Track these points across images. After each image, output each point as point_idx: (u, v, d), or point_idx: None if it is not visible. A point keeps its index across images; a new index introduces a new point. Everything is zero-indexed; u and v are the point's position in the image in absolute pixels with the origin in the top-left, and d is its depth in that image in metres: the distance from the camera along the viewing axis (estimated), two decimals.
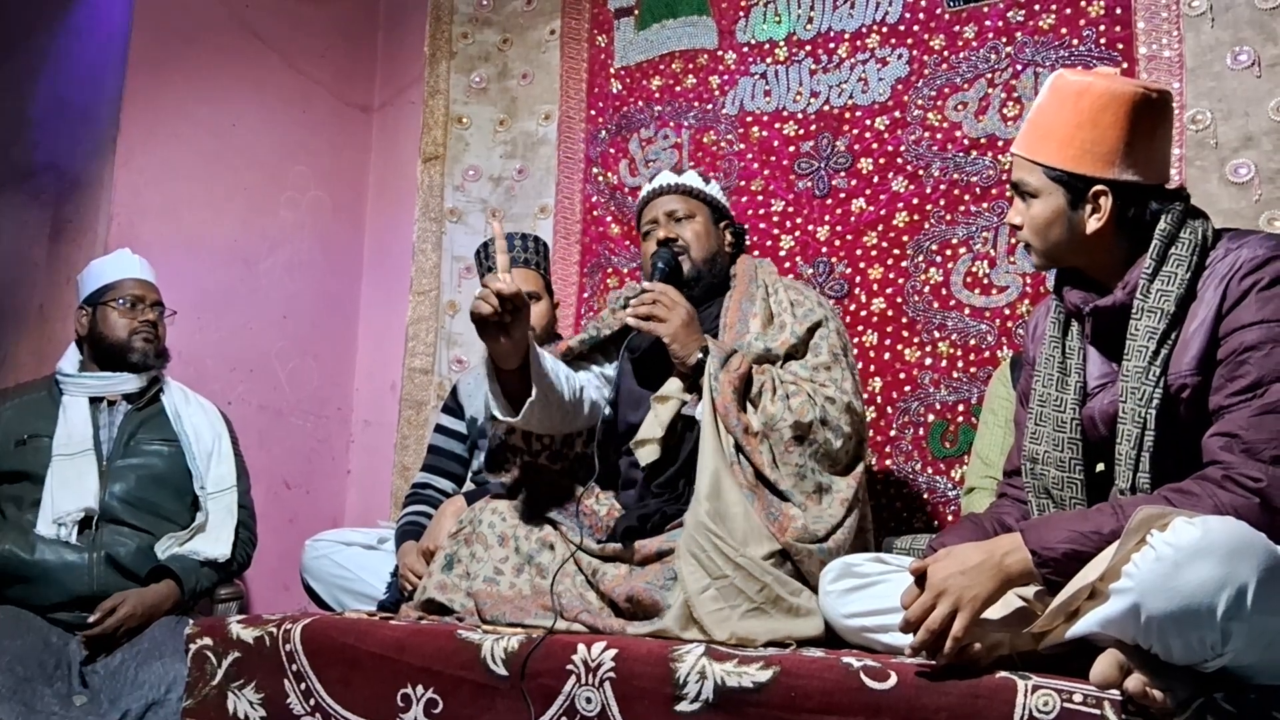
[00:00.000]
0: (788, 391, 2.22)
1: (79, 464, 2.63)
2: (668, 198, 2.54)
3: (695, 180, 2.57)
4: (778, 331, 2.36)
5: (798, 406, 2.19)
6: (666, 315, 2.27)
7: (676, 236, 2.49)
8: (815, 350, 2.34)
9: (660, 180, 2.58)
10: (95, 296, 2.83)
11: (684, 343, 2.27)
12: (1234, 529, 1.35)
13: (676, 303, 2.29)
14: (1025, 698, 1.48)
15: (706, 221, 2.53)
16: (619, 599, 2.02)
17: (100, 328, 2.79)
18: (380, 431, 3.97)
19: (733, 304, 2.44)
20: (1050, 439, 1.80)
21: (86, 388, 2.75)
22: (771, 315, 2.40)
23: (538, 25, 3.92)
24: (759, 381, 2.23)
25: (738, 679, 1.67)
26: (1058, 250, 1.82)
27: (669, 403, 2.28)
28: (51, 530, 2.55)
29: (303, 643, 2.06)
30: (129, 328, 2.79)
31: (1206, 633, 1.33)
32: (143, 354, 2.79)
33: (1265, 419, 1.55)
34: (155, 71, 3.40)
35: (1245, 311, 1.61)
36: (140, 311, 2.82)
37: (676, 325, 2.26)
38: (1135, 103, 1.73)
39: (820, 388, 2.26)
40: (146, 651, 2.31)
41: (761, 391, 2.21)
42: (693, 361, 2.26)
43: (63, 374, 2.79)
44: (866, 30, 3.31)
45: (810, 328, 2.36)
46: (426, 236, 3.93)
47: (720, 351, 2.24)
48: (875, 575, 1.88)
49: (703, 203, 2.55)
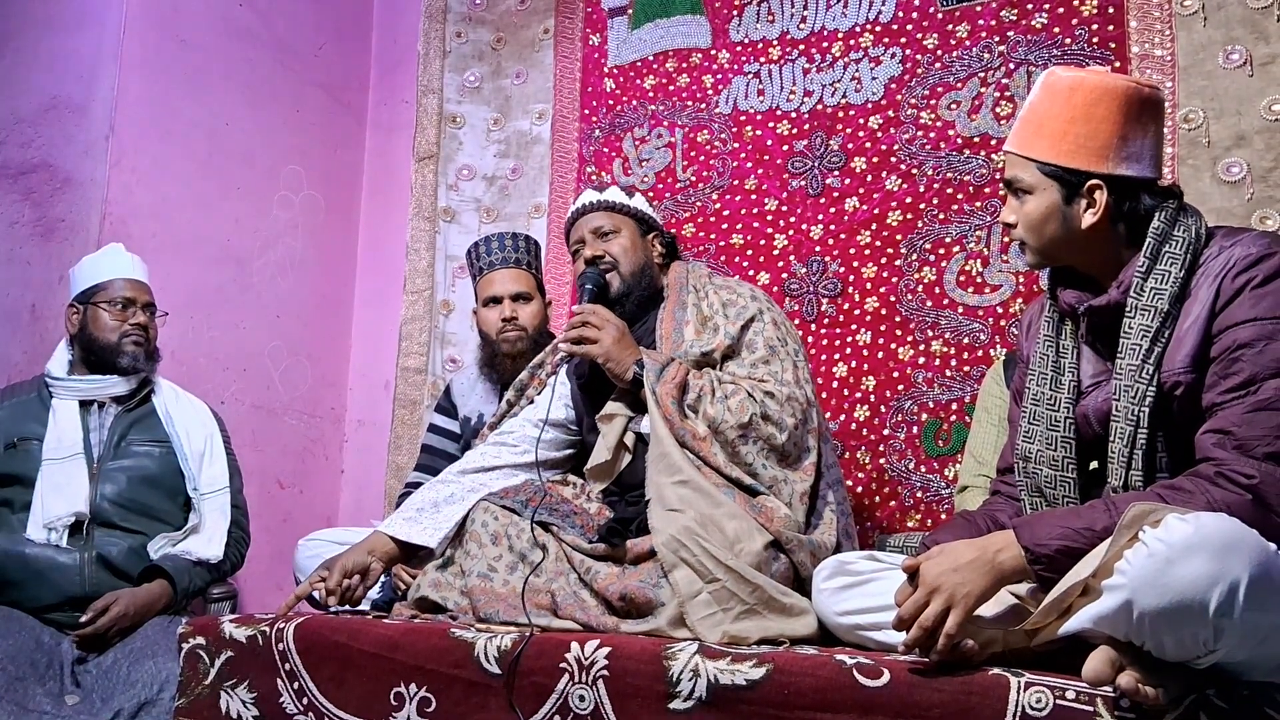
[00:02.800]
0: (725, 392, 2.23)
1: (69, 468, 2.61)
2: (592, 215, 2.53)
3: (618, 195, 2.56)
4: (711, 335, 2.35)
5: (736, 406, 2.19)
6: (597, 335, 2.28)
7: (604, 254, 2.47)
8: (751, 346, 2.33)
9: (583, 199, 2.58)
10: (87, 295, 2.79)
11: (618, 359, 2.27)
12: (1226, 525, 1.35)
13: (606, 320, 2.30)
14: (1018, 695, 1.48)
15: (633, 235, 2.52)
16: (612, 597, 2.01)
17: (91, 328, 2.75)
18: (374, 431, 3.96)
19: (666, 314, 2.43)
20: (1043, 438, 1.80)
21: (76, 391, 2.72)
22: (705, 319, 2.39)
23: (531, 24, 3.92)
24: (696, 386, 2.23)
25: (731, 676, 1.67)
26: (1053, 247, 1.81)
27: (615, 421, 2.29)
28: (42, 534, 2.52)
29: (295, 642, 2.05)
30: (119, 330, 2.75)
31: (1199, 629, 1.33)
32: (133, 358, 2.75)
33: (1258, 416, 1.55)
34: (148, 70, 3.39)
35: (1239, 309, 1.62)
36: (131, 314, 2.78)
37: (608, 344, 2.27)
38: (1128, 97, 1.73)
39: (759, 383, 2.26)
40: (139, 651, 2.30)
41: (700, 396, 2.22)
42: (629, 376, 2.26)
43: (52, 377, 2.74)
44: (860, 29, 3.32)
45: (744, 325, 2.35)
46: (420, 236, 3.92)
47: (655, 362, 2.25)
48: (868, 573, 1.88)
49: (628, 216, 2.54)
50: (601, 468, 2.29)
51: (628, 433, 2.30)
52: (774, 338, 2.35)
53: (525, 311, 2.91)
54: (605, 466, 2.29)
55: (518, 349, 2.88)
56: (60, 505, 2.55)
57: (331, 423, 3.99)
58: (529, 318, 2.90)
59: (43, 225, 3.32)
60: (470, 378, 3.04)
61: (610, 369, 2.28)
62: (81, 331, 2.77)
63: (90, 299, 2.78)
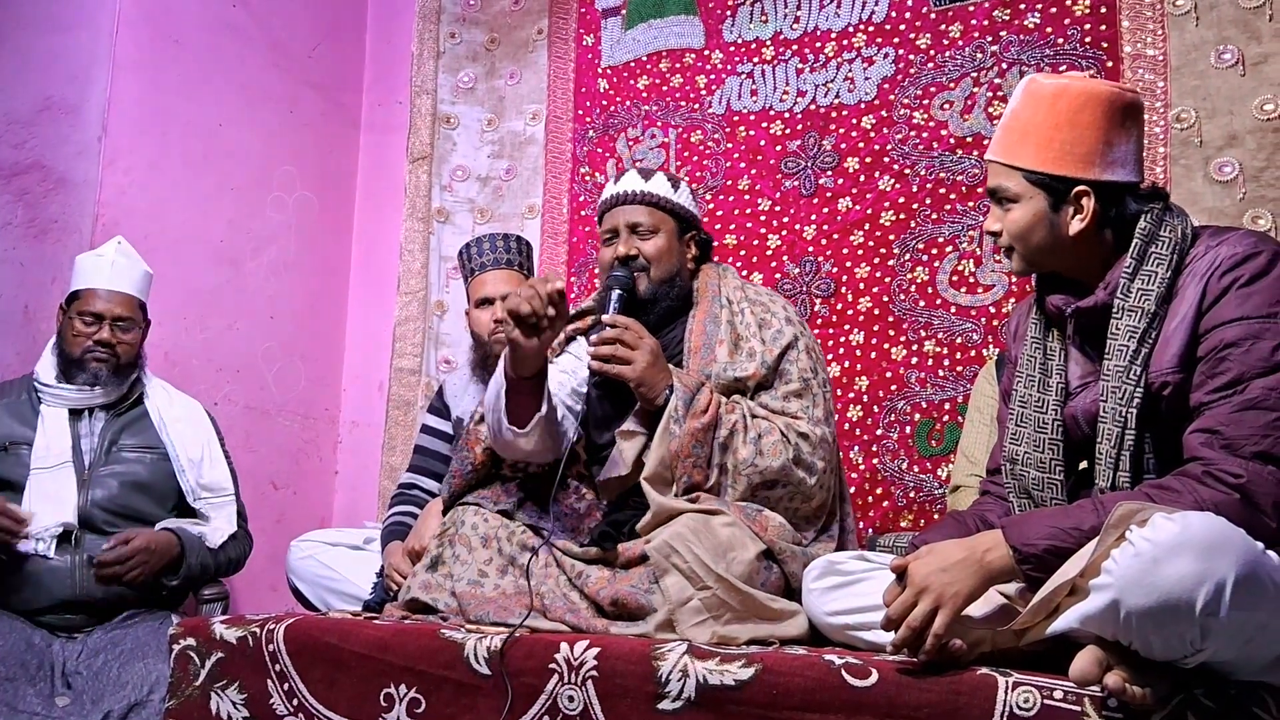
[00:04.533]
0: (759, 430, 2.15)
1: (58, 477, 2.58)
2: (633, 208, 2.37)
3: (663, 188, 2.39)
4: (746, 360, 2.25)
5: (769, 448, 2.13)
6: (630, 355, 2.15)
7: (637, 253, 2.34)
8: (785, 376, 2.25)
9: (626, 185, 2.40)
10: (69, 299, 2.77)
11: (651, 385, 2.15)
12: (1213, 525, 1.35)
13: (640, 337, 2.17)
14: (1006, 694, 1.47)
15: (670, 236, 2.37)
16: (604, 602, 2.00)
17: (63, 339, 2.72)
18: (368, 432, 3.96)
19: (696, 325, 2.33)
20: (1031, 440, 1.80)
21: (64, 400, 2.69)
22: (739, 338, 2.30)
23: (525, 25, 3.92)
24: (729, 422, 2.14)
25: (719, 677, 1.66)
26: (1040, 254, 1.81)
27: (635, 439, 2.20)
28: (29, 545, 2.49)
29: (286, 643, 2.05)
30: (82, 346, 2.69)
31: (1185, 628, 1.33)
32: (93, 374, 2.69)
33: (1245, 415, 1.55)
34: (142, 71, 3.39)
35: (1225, 308, 1.61)
36: (97, 330, 2.70)
37: (642, 366, 2.14)
38: (1112, 102, 1.73)
39: (793, 421, 2.19)
40: (129, 652, 2.30)
41: (733, 433, 2.14)
42: (660, 402, 2.15)
43: (40, 382, 2.71)
44: (853, 29, 3.32)
45: (780, 353, 2.27)
46: (414, 237, 3.92)
47: (685, 389, 2.15)
48: (858, 573, 1.88)
49: (669, 214, 2.38)
50: (617, 481, 2.21)
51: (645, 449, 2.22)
52: (808, 368, 2.27)
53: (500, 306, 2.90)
54: (622, 480, 2.21)
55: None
56: (48, 515, 2.53)
57: (325, 424, 3.99)
58: None
59: (36, 226, 3.32)
60: (463, 379, 3.04)
61: (642, 394, 2.16)
62: (59, 338, 2.74)
63: (69, 305, 2.75)
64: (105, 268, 2.77)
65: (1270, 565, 1.37)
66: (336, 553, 2.85)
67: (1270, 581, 1.35)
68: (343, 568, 2.81)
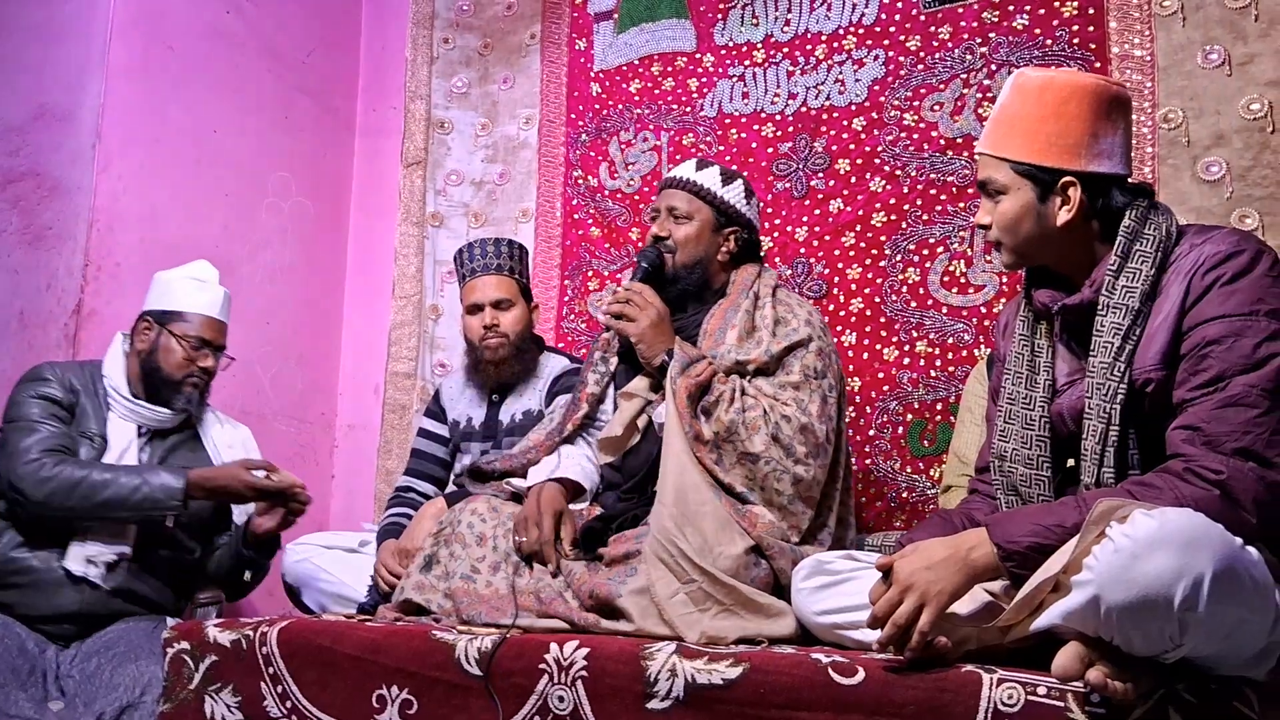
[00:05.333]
0: (744, 405, 2.21)
1: None
2: (676, 192, 2.48)
3: (710, 179, 2.48)
4: (753, 346, 2.31)
5: (750, 421, 2.18)
6: (636, 315, 2.32)
7: (669, 235, 2.45)
8: (787, 368, 2.29)
9: (680, 171, 2.52)
10: (164, 316, 2.70)
11: (650, 343, 2.32)
12: (1191, 520, 1.36)
13: (649, 303, 2.34)
14: (990, 691, 1.49)
15: (704, 226, 2.45)
16: (583, 596, 2.03)
17: (159, 355, 2.66)
18: (364, 436, 3.97)
19: (718, 312, 2.40)
20: (1019, 437, 1.81)
21: (139, 416, 2.64)
22: (752, 328, 2.35)
23: (518, 30, 3.93)
24: (717, 390, 2.22)
25: (708, 676, 1.68)
26: (1028, 246, 1.82)
27: (633, 400, 2.31)
28: (80, 568, 2.45)
29: (279, 645, 2.06)
30: (185, 370, 2.67)
31: (1164, 624, 1.34)
32: (187, 399, 2.68)
33: (1226, 412, 1.56)
34: (136, 77, 3.40)
35: (1208, 306, 1.63)
36: (202, 355, 2.69)
37: (645, 325, 2.31)
38: (1098, 94, 1.75)
39: (780, 405, 2.23)
40: (122, 655, 2.30)
41: (719, 400, 2.21)
42: (657, 362, 2.29)
43: (115, 390, 2.65)
44: (843, 31, 3.33)
45: (788, 347, 2.31)
46: (408, 241, 3.93)
47: (685, 356, 2.26)
48: (846, 572, 1.89)
49: (708, 204, 2.46)
50: (611, 441, 2.33)
51: (644, 415, 2.33)
52: (812, 366, 2.30)
53: (507, 318, 2.90)
54: (616, 441, 2.32)
55: (499, 356, 2.88)
56: (105, 541, 2.48)
57: (321, 428, 4.00)
58: (510, 324, 2.90)
59: (30, 233, 3.33)
60: (459, 382, 3.06)
61: (641, 350, 2.33)
62: (150, 354, 2.68)
63: (167, 323, 2.69)
64: (215, 295, 2.77)
65: (1248, 561, 1.38)
66: (332, 555, 2.86)
67: (1248, 576, 1.37)
68: (338, 570, 2.82)
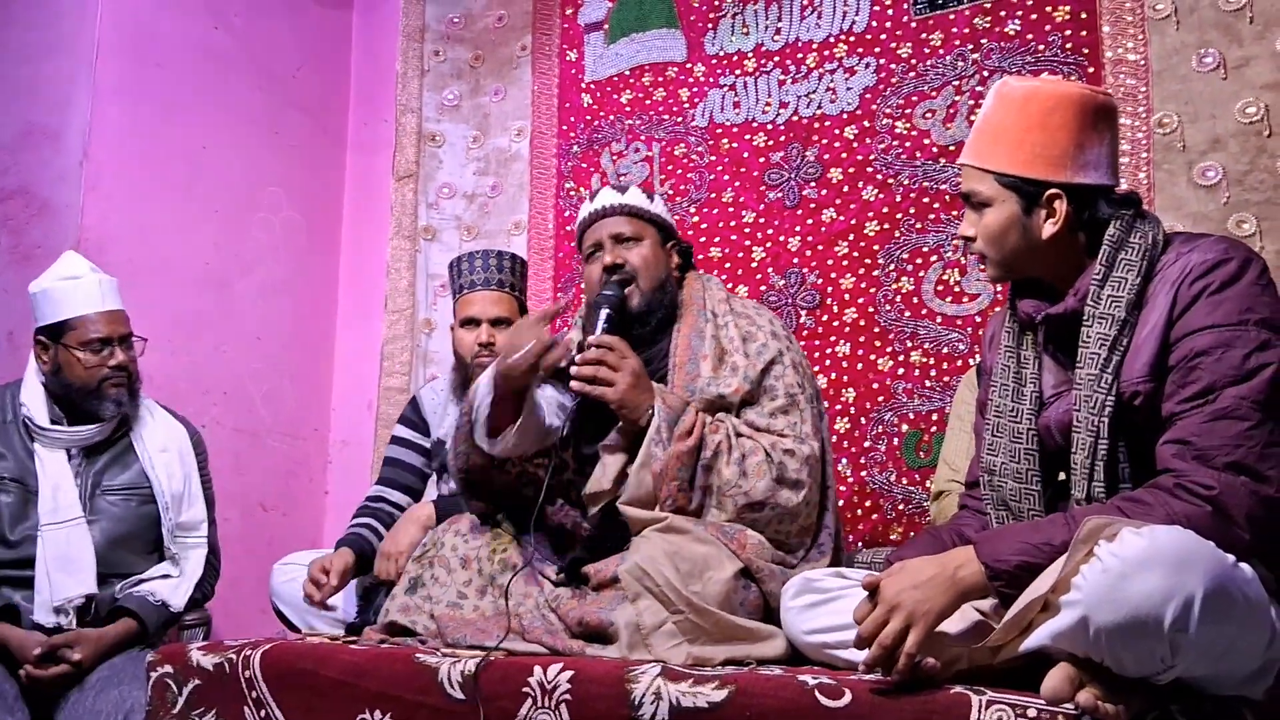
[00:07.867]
0: (744, 450, 2.12)
1: (71, 536, 2.42)
2: (613, 219, 2.35)
3: (640, 199, 2.38)
4: (730, 375, 2.22)
5: (754, 469, 2.10)
6: (612, 377, 2.11)
7: (624, 262, 2.30)
8: (771, 393, 2.21)
9: (603, 199, 2.38)
10: (55, 331, 2.53)
11: (633, 406, 2.12)
12: (1181, 539, 1.33)
13: (624, 358, 2.14)
14: (980, 713, 1.45)
15: (654, 244, 2.36)
16: (572, 624, 1.99)
17: (65, 374, 2.51)
18: (357, 451, 3.95)
19: (682, 339, 2.29)
20: (1007, 450, 1.78)
21: (63, 441, 2.51)
22: (723, 353, 2.26)
23: (509, 42, 3.92)
24: (713, 442, 2.11)
25: (693, 699, 1.64)
26: (1014, 259, 1.79)
27: (618, 455, 2.17)
28: (51, 619, 2.36)
29: (262, 669, 2.03)
30: (99, 375, 2.50)
31: (1155, 644, 1.31)
32: (115, 401, 2.53)
33: (1217, 425, 1.52)
34: (123, 95, 3.39)
35: (1196, 316, 1.59)
36: (109, 354, 2.52)
37: (624, 387, 2.11)
38: (1083, 104, 1.71)
39: (779, 439, 2.15)
40: (105, 679, 2.27)
41: (717, 454, 2.11)
42: (644, 422, 2.12)
43: (35, 423, 2.50)
44: (834, 40, 3.31)
45: (764, 368, 2.23)
46: (400, 255, 3.91)
47: (669, 409, 2.12)
48: (835, 590, 1.85)
49: (649, 223, 2.37)
50: (600, 496, 2.18)
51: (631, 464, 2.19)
52: (794, 383, 2.23)
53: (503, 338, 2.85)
54: (605, 495, 2.17)
55: None
56: (70, 584, 2.39)
57: (315, 444, 3.98)
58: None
59: (19, 251, 3.32)
60: (442, 398, 2.94)
61: (624, 415, 2.13)
62: (55, 374, 2.53)
63: (60, 338, 2.53)
64: (91, 289, 2.57)
65: (1241, 579, 1.35)
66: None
67: (1241, 595, 1.33)
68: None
